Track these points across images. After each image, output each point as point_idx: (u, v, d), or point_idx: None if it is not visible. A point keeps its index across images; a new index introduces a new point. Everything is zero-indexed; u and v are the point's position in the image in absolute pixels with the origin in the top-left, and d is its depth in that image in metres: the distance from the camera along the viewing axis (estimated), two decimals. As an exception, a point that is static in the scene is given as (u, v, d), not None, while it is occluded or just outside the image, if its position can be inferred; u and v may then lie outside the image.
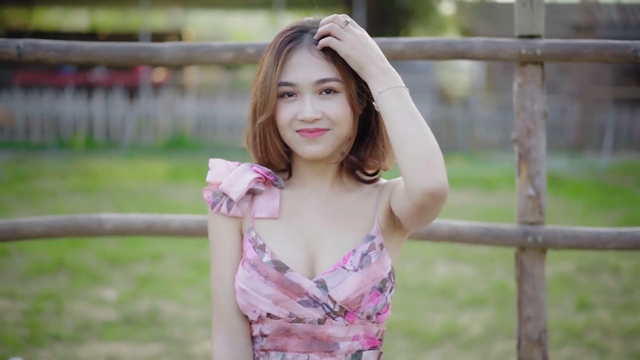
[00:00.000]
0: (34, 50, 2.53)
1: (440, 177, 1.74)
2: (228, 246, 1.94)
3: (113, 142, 16.38)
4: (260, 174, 1.93)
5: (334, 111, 1.86)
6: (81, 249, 7.26)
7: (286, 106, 1.87)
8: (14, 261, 6.87)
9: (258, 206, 1.94)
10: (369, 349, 1.95)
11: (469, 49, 2.56)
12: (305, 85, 1.85)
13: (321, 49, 1.87)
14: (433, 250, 7.41)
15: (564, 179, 12.70)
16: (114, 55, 2.54)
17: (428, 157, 1.74)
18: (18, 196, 10.02)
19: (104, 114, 16.78)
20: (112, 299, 5.84)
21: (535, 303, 2.58)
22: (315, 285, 1.86)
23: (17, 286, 6.12)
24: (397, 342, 5.10)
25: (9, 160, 13.57)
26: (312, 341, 1.89)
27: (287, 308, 1.87)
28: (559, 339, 5.10)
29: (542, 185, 2.61)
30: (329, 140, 1.87)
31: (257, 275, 1.87)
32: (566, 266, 7.00)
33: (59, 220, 2.72)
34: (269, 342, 1.92)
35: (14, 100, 16.81)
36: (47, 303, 5.70)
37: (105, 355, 4.69)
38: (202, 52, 2.54)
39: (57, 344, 4.94)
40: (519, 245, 2.61)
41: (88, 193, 10.40)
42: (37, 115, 16.66)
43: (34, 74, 19.84)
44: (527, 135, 2.60)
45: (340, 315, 1.88)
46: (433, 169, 1.74)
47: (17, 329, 5.14)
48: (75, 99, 16.91)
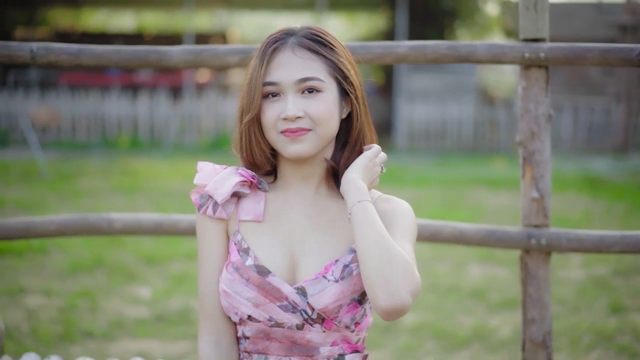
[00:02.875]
0: (46, 54, 2.60)
1: (398, 296, 1.74)
2: (214, 248, 1.97)
3: (156, 142, 16.57)
4: (244, 177, 1.96)
5: (316, 110, 1.88)
6: (119, 247, 7.37)
7: (270, 106, 1.90)
8: (53, 259, 7.00)
9: (243, 209, 1.97)
10: (351, 353, 1.96)
11: (472, 52, 2.56)
12: (288, 84, 1.88)
13: (305, 48, 1.89)
14: (467, 252, 7.38)
15: (607, 181, 12.56)
16: (124, 59, 2.60)
17: (387, 276, 1.75)
18: (60, 195, 10.19)
19: (148, 114, 16.98)
20: (146, 297, 5.93)
21: (540, 305, 2.58)
22: (295, 292, 1.89)
23: (55, 283, 6.23)
24: (425, 343, 5.10)
25: (54, 160, 13.80)
26: (292, 345, 1.92)
27: (267, 312, 1.89)
28: (589, 343, 5.07)
29: (547, 188, 2.61)
30: (312, 140, 1.90)
31: (239, 278, 1.90)
32: (602, 269, 6.93)
33: (71, 219, 2.79)
34: (250, 345, 1.95)
35: (61, 100, 17.10)
36: (82, 300, 5.80)
37: (135, 352, 4.76)
38: (208, 55, 2.59)
39: (90, 340, 5.03)
40: (523, 247, 2.62)
41: (128, 192, 10.53)
42: (83, 115, 16.94)
43: (80, 74, 20.14)
44: (531, 138, 2.60)
45: (318, 322, 1.89)
46: (391, 289, 1.74)
47: (51, 325, 5.24)
48: (120, 100, 17.14)
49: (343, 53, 1.95)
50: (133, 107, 17.05)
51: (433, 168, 14.14)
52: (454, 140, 17.26)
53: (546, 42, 2.58)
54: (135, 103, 17.08)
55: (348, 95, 1.95)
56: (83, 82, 19.30)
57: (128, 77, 19.98)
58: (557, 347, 4.99)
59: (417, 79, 18.20)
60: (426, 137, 17.32)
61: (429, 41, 2.57)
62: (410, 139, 17.31)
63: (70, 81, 19.42)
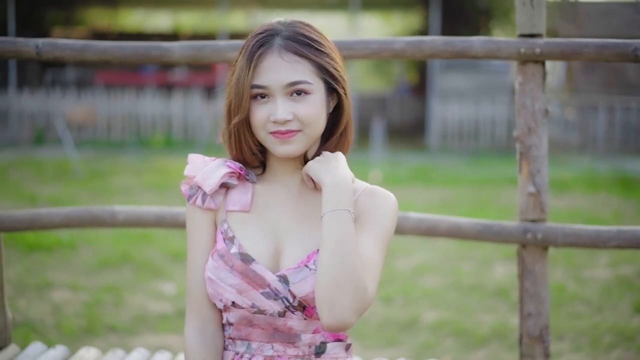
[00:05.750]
0: (52, 49, 2.67)
1: (340, 318, 1.78)
2: (202, 237, 2.02)
3: (190, 141, 16.70)
4: (232, 168, 2.01)
5: (305, 112, 1.92)
6: (147, 244, 7.46)
7: (259, 107, 1.93)
8: (81, 254, 7.10)
9: (231, 199, 2.02)
10: (334, 341, 2.00)
11: (469, 47, 2.57)
12: (277, 87, 1.91)
13: (292, 52, 1.92)
14: (492, 250, 7.37)
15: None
16: (126, 54, 2.65)
17: (333, 299, 1.79)
18: (92, 193, 10.32)
19: (182, 113, 17.13)
20: (170, 293, 6.00)
21: (536, 300, 2.59)
22: (277, 279, 1.92)
23: (82, 278, 6.33)
24: (445, 341, 5.11)
25: (89, 158, 13.98)
26: (274, 332, 1.96)
27: (249, 298, 1.94)
28: (610, 342, 5.04)
29: (543, 183, 2.61)
30: (301, 141, 1.94)
31: (223, 265, 1.95)
32: (628, 269, 6.87)
33: (76, 211, 2.85)
34: (234, 331, 2.00)
35: (97, 99, 17.31)
36: (107, 295, 5.88)
37: (156, 346, 4.82)
38: (209, 51, 2.63)
39: (112, 334, 5.11)
40: (519, 242, 2.62)
41: (160, 190, 10.64)
42: (118, 114, 17.14)
43: (115, 73, 20.37)
44: (527, 133, 2.60)
45: (299, 310, 1.93)
46: (336, 311, 1.78)
47: (76, 319, 5.32)
48: (155, 99, 17.31)
49: (329, 50, 1.97)
50: (167, 106, 17.21)
51: (465, 168, 14.09)
52: (487, 140, 17.18)
53: (543, 37, 2.58)
54: (169, 102, 17.24)
55: (334, 90, 1.98)
56: (119, 81, 19.51)
57: (163, 77, 20.17)
58: (578, 346, 4.97)
59: (451, 78, 18.14)
60: (459, 137, 17.27)
61: (426, 37, 2.59)
62: (443, 138, 17.27)
63: (106, 80, 19.65)
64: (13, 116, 17.18)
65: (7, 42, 2.73)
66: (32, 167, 12.80)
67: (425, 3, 20.08)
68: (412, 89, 22.66)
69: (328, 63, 1.95)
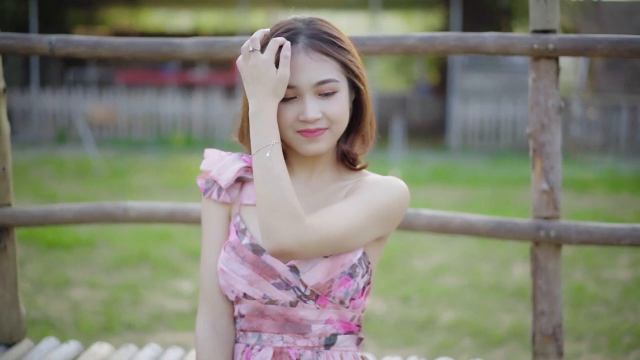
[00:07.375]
0: (65, 45, 2.68)
1: (277, 242, 1.81)
2: (216, 231, 2.04)
3: (210, 140, 16.74)
4: (248, 163, 2.02)
5: (333, 111, 1.91)
6: (165, 242, 7.49)
7: (287, 108, 1.92)
8: (100, 252, 7.13)
9: (246, 193, 2.04)
10: (345, 334, 2.01)
11: (481, 43, 2.55)
12: (306, 87, 1.90)
13: (319, 50, 1.91)
14: (512, 250, 7.33)
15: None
16: (138, 50, 2.66)
17: (270, 219, 1.81)
18: (112, 191, 10.36)
19: (202, 113, 17.17)
20: (188, 291, 6.01)
21: (549, 298, 2.57)
22: (287, 269, 1.94)
23: (100, 276, 6.36)
24: (462, 341, 5.09)
25: (110, 157, 14.05)
26: (285, 323, 1.97)
27: (261, 289, 1.95)
28: (629, 343, 5.00)
29: (557, 180, 2.59)
30: (328, 139, 1.94)
31: (235, 256, 1.97)
32: (656, 269, 6.83)
33: (88, 207, 2.86)
34: (246, 323, 2.01)
35: (118, 98, 17.39)
36: (125, 293, 5.91)
37: (172, 344, 4.83)
38: (221, 47, 2.63)
39: (129, 332, 5.13)
40: (532, 239, 2.60)
41: (179, 189, 10.67)
42: (139, 113, 17.20)
43: (136, 73, 20.45)
44: (541, 130, 2.59)
45: (312, 299, 1.94)
46: (272, 235, 1.81)
47: (94, 317, 5.35)
48: (176, 98, 17.36)
49: (349, 47, 1.97)
50: (188, 106, 17.26)
51: (485, 168, 14.03)
52: (509, 139, 17.10)
53: (556, 33, 2.56)
54: (190, 101, 17.29)
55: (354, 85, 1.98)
56: (139, 80, 19.59)
57: (183, 76, 20.22)
58: (596, 346, 4.94)
59: (472, 78, 18.07)
60: (480, 137, 17.20)
61: (439, 32, 2.58)
62: (463, 138, 17.20)
63: (127, 80, 19.74)
64: (35, 115, 17.30)
65: (21, 38, 2.74)
66: (54, 165, 12.88)
67: (446, 2, 20.02)
68: (433, 89, 22.59)
69: (350, 61, 1.95)
